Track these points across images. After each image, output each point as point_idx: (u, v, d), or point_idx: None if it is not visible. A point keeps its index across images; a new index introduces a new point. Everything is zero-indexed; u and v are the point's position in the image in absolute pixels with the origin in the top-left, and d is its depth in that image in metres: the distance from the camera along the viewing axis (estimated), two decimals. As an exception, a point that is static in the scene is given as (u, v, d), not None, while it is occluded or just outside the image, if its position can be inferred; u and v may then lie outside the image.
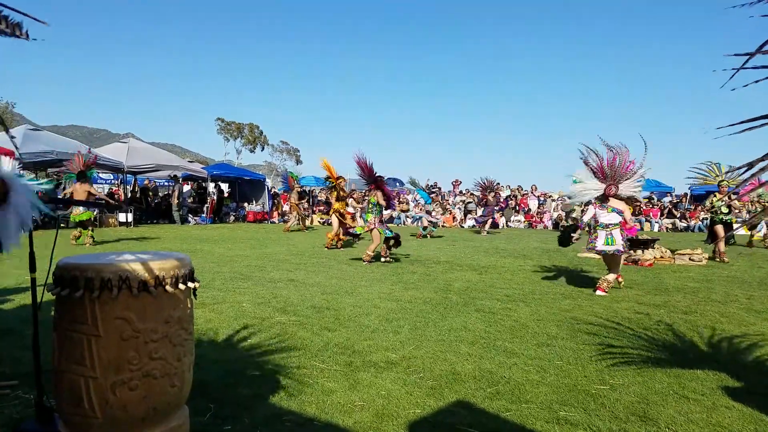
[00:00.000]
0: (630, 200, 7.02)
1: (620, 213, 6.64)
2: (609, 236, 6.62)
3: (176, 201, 21.16)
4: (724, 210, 11.38)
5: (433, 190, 26.57)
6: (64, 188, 12.39)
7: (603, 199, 6.71)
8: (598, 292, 6.44)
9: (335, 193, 12.30)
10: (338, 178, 12.25)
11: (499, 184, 20.74)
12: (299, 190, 18.48)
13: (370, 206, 9.45)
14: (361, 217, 13.21)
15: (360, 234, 10.26)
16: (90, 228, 11.32)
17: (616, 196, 6.67)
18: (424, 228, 16.75)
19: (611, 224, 6.64)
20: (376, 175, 9.55)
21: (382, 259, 9.39)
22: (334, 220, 12.10)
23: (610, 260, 6.74)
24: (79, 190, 11.16)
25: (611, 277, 6.62)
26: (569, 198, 7.22)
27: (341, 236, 12.06)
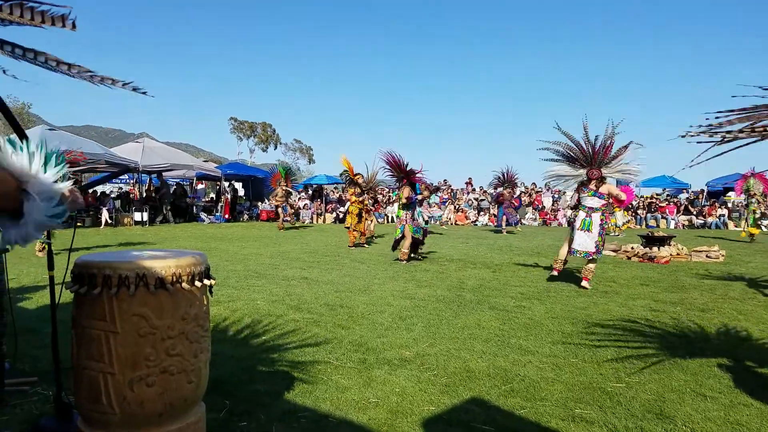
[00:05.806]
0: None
1: (601, 196, 6.61)
2: (587, 218, 6.63)
3: (158, 195, 20.51)
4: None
5: (442, 187, 26.34)
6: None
7: (586, 183, 6.69)
8: (584, 283, 6.57)
9: (353, 189, 12.38)
10: (356, 174, 12.31)
11: (517, 176, 18.37)
12: (284, 186, 17.09)
13: (401, 202, 9.34)
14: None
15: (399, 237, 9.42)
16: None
17: (602, 180, 6.62)
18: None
19: (593, 207, 6.64)
20: (408, 168, 9.38)
21: (402, 260, 8.84)
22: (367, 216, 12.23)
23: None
24: None
25: (592, 265, 6.63)
26: (554, 178, 6.97)
27: (365, 232, 12.18)
